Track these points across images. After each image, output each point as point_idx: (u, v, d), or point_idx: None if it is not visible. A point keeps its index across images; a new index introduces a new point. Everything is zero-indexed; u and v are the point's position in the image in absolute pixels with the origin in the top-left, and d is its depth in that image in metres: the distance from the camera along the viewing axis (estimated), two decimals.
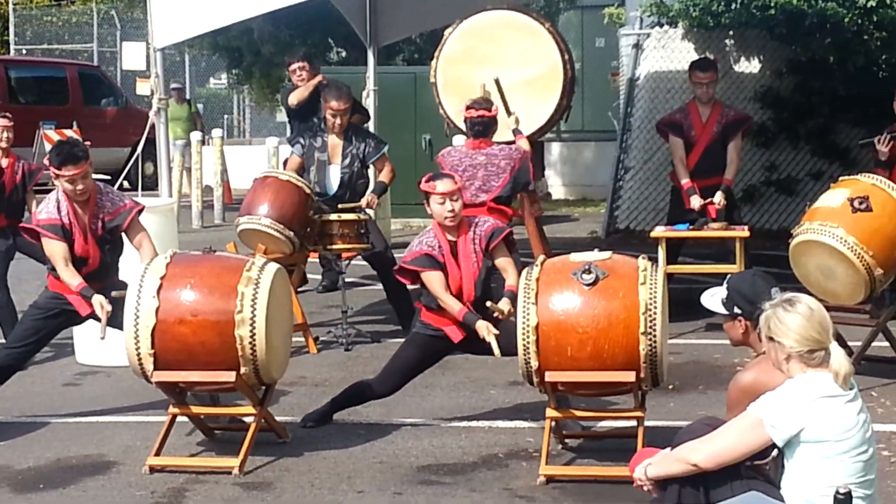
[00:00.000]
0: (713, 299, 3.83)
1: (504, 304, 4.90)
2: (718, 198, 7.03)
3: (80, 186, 5.15)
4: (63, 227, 5.19)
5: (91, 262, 5.25)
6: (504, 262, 5.07)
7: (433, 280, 4.98)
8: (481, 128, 6.45)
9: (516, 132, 7.06)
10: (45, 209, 5.24)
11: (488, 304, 4.90)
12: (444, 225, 5.06)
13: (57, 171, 5.12)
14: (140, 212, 5.33)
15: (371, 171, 7.26)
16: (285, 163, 7.18)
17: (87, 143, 5.42)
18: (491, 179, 6.39)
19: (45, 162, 5.32)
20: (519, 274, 4.78)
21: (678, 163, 7.29)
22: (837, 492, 3.10)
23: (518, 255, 5.70)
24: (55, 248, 5.18)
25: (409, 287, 5.42)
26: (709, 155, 7.20)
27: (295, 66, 8.02)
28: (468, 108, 6.50)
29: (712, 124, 7.24)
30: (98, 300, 5.09)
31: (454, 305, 4.96)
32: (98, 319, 5.20)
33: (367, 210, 6.97)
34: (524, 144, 6.84)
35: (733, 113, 7.50)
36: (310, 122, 7.84)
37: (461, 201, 5.09)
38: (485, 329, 4.87)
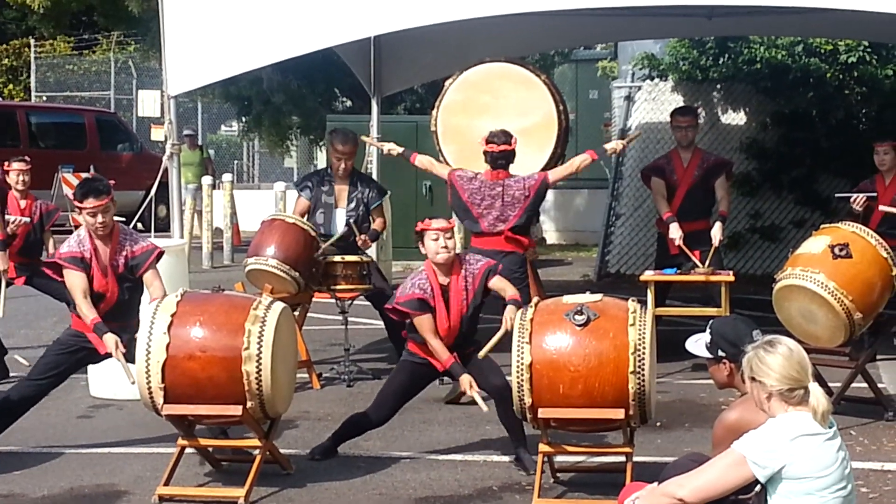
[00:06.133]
0: (697, 345, 3.88)
1: (509, 313, 4.96)
2: (716, 229, 7.15)
3: (100, 219, 5.24)
4: (83, 260, 5.27)
5: (109, 298, 5.33)
6: (498, 282, 5.21)
7: (423, 323, 5.12)
8: (504, 161, 6.50)
9: None
10: (68, 244, 5.35)
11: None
12: (437, 262, 5.17)
13: (79, 204, 5.24)
14: (160, 255, 5.42)
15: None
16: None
17: (112, 181, 5.49)
18: (508, 209, 6.48)
19: (70, 200, 5.43)
20: (519, 297, 4.95)
21: (659, 198, 7.43)
22: None
23: (527, 283, 5.81)
24: (75, 280, 5.26)
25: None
26: (690, 198, 7.36)
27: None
28: (489, 142, 6.49)
29: (693, 169, 7.41)
30: (111, 339, 5.16)
31: (442, 353, 5.10)
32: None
33: (368, 251, 7.09)
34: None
35: (713, 158, 7.71)
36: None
37: (454, 240, 5.22)
38: (467, 384, 5.00)
